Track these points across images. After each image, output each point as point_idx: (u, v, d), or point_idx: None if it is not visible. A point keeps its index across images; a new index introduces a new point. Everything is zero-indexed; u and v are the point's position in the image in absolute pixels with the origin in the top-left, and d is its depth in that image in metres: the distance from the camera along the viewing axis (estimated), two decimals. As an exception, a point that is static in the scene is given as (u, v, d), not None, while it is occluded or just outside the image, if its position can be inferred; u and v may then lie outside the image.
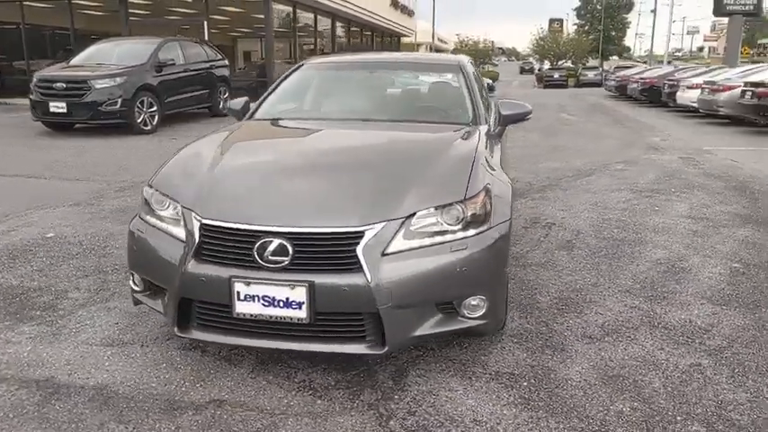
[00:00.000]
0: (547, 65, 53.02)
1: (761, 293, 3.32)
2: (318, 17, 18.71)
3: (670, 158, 8.39)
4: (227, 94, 12.51)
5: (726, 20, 27.60)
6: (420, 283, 2.23)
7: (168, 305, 2.41)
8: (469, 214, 2.34)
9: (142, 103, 9.66)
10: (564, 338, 2.79)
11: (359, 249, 2.18)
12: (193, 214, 2.37)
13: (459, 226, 2.32)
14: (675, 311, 3.09)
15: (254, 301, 2.21)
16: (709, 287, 3.42)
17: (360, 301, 2.18)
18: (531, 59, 76.82)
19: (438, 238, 2.28)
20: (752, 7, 23.14)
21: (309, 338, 2.27)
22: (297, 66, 4.06)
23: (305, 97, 3.89)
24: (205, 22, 14.89)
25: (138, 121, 9.65)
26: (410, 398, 2.31)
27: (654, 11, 44.96)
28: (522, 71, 71.38)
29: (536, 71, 54.18)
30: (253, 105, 3.76)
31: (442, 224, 2.31)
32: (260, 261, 2.21)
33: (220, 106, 12.30)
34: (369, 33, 25.91)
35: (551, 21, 76.66)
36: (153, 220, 2.53)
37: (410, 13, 29.55)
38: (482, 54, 50.83)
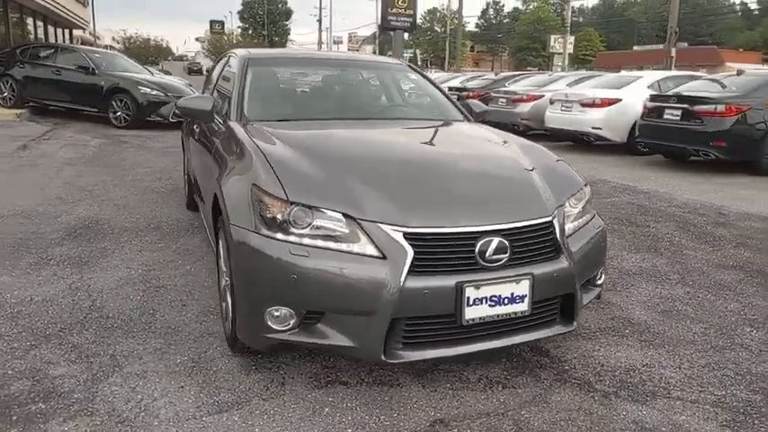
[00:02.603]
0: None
1: (657, 241, 4.53)
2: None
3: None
4: None
5: (361, 33, 32.26)
6: (590, 259, 2.51)
7: (365, 333, 2.10)
8: (587, 198, 2.71)
9: None
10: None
11: (557, 235, 2.34)
12: (384, 226, 2.11)
13: (582, 209, 2.66)
14: (652, 259, 4.06)
15: (482, 303, 2.15)
16: (632, 243, 4.47)
17: (564, 284, 2.35)
18: (198, 60, 75.52)
19: (578, 221, 2.59)
20: (409, 24, 27.84)
21: (527, 329, 2.31)
22: (244, 62, 3.49)
23: (290, 97, 3.49)
24: None
25: None
26: (580, 365, 2.57)
27: (319, 21, 49.59)
28: (191, 72, 70.06)
29: (205, 71, 54.23)
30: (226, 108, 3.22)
31: (573, 208, 2.61)
32: (482, 262, 2.16)
33: None
34: (41, 23, 21.60)
35: (212, 22, 76.76)
36: (306, 241, 2.13)
37: (84, 3, 25.80)
38: (155, 52, 47.73)
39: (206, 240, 4.21)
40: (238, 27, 69.92)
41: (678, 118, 7.67)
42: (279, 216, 2.17)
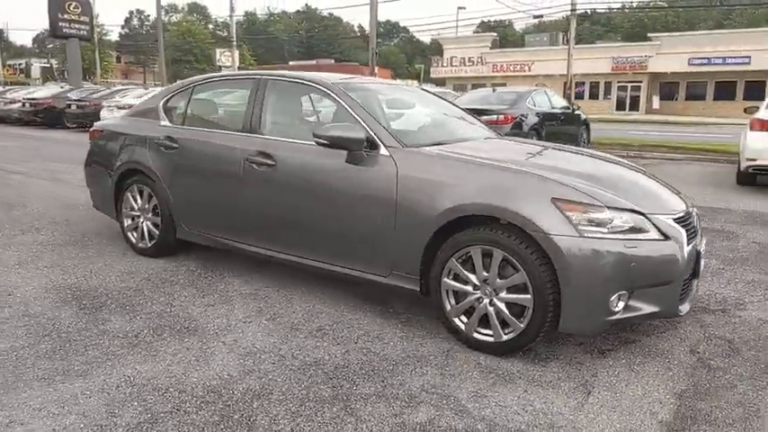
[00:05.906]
0: None
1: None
2: None
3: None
4: None
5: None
6: None
7: (668, 298, 2.81)
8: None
9: None
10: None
11: (692, 213, 3.44)
12: (661, 216, 2.82)
13: None
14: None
15: (700, 261, 3.08)
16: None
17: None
18: None
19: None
20: (85, 32, 24.73)
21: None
22: (340, 88, 3.45)
23: (406, 123, 3.59)
24: None
25: None
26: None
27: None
28: None
29: None
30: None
31: None
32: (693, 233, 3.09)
33: None
34: None
35: None
36: (616, 236, 2.69)
37: None
38: None
39: (260, 280, 3.88)
40: None
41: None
42: (598, 220, 2.67)
